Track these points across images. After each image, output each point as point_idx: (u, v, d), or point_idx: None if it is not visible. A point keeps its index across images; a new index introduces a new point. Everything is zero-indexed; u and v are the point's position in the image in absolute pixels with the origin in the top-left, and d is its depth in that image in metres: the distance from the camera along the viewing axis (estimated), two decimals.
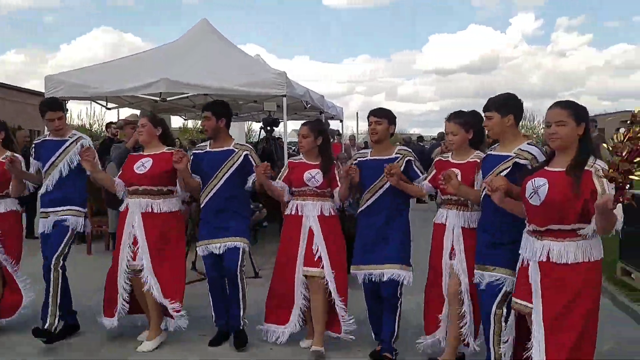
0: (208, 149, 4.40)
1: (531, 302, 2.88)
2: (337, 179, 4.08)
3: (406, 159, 4.00)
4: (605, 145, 2.59)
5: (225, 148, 4.33)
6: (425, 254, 3.95)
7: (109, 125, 9.44)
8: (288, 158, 5.65)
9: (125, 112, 11.90)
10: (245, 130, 23.54)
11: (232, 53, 8.25)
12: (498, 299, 3.25)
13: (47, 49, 75.27)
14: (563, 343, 2.74)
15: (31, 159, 4.58)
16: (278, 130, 9.28)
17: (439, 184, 3.63)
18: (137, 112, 10.84)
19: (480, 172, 3.47)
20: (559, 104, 2.90)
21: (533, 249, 2.88)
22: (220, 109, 4.38)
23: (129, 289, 4.23)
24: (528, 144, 3.32)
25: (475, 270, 3.38)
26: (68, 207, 4.39)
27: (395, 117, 4.10)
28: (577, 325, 2.74)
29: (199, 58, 7.60)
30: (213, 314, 4.42)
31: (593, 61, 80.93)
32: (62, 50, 74.19)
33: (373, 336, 4.19)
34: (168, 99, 8.14)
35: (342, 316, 4.09)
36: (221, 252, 4.24)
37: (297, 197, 4.18)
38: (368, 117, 4.09)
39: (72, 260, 4.65)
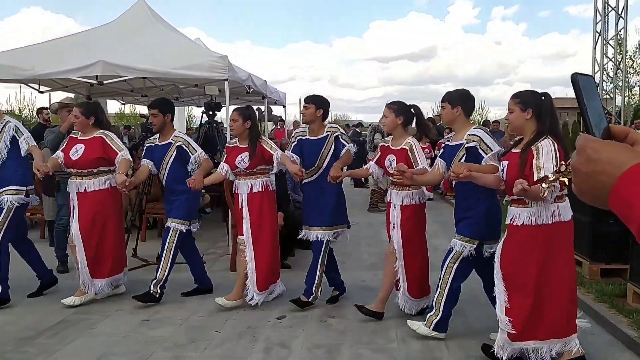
0: (157, 142, 5.01)
1: None
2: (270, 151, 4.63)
3: (334, 135, 4.64)
4: None
5: (166, 142, 4.93)
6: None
7: (40, 110, 9.08)
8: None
9: (58, 96, 11.49)
10: (186, 117, 23.13)
11: (172, 36, 8.08)
12: (450, 255, 3.89)
13: None
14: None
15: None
16: (220, 115, 9.21)
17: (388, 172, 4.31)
18: (72, 95, 10.49)
19: (415, 155, 4.22)
20: (512, 96, 3.45)
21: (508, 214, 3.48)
22: (166, 106, 4.99)
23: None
24: (474, 128, 3.89)
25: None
26: (6, 188, 4.73)
27: (325, 102, 4.69)
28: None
29: (136, 40, 7.41)
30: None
31: (526, 50, 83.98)
32: None
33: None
34: (105, 82, 7.90)
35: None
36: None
37: (236, 177, 4.77)
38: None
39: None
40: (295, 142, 4.77)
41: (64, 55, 7.02)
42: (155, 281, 4.80)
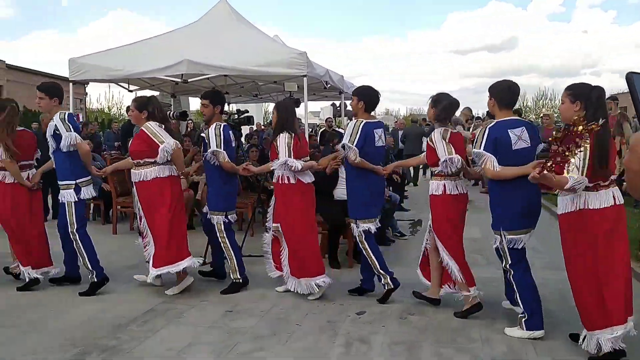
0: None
1: None
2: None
3: None
4: (628, 123, 2.93)
5: None
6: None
7: (129, 108, 9.59)
8: (308, 139, 5.88)
9: (146, 95, 12.03)
10: (263, 113, 23.61)
11: (252, 33, 8.28)
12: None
13: (65, 33, 75.63)
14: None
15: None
16: (298, 111, 9.32)
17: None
18: (156, 94, 10.97)
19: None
20: (565, 88, 3.54)
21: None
22: (217, 97, 5.23)
23: None
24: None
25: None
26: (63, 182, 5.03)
27: (367, 94, 4.83)
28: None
29: (218, 39, 7.64)
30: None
31: (616, 38, 79.04)
32: (79, 34, 74.46)
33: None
34: (189, 80, 8.21)
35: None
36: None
37: None
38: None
39: (97, 240, 5.25)
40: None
41: (151, 55, 7.36)
42: (231, 271, 5.10)
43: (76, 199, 4.98)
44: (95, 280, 5.03)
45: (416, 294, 4.64)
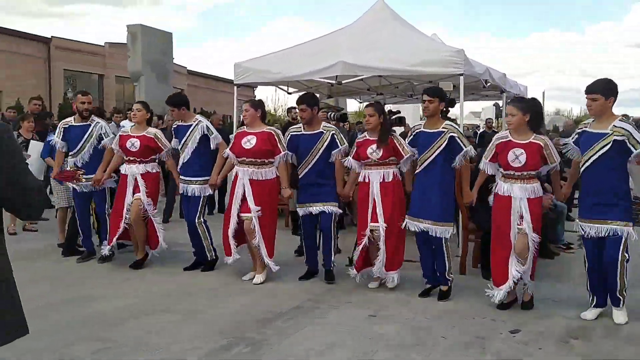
0: (303, 131, 5.43)
1: None
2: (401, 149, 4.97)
3: (449, 134, 4.75)
4: None
5: (316, 131, 5.36)
6: None
7: (290, 110, 10.00)
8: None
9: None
10: (421, 113, 23.20)
11: (407, 33, 8.08)
12: (622, 245, 4.07)
13: (236, 39, 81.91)
14: None
15: (173, 139, 5.94)
16: (454, 111, 8.96)
17: (537, 162, 4.42)
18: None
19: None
20: None
21: None
22: (312, 100, 5.41)
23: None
24: (620, 120, 4.09)
25: (593, 224, 4.16)
26: (197, 179, 5.75)
27: (443, 94, 4.97)
28: None
29: (374, 40, 7.57)
30: (306, 258, 5.58)
31: None
32: (248, 40, 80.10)
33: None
34: (343, 82, 8.27)
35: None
36: (317, 212, 5.38)
37: (365, 167, 5.12)
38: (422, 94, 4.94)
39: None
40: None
41: (308, 58, 7.52)
42: (332, 260, 5.41)
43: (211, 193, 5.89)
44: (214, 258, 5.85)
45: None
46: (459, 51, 6.64)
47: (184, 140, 5.75)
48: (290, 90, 9.59)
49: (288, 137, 5.44)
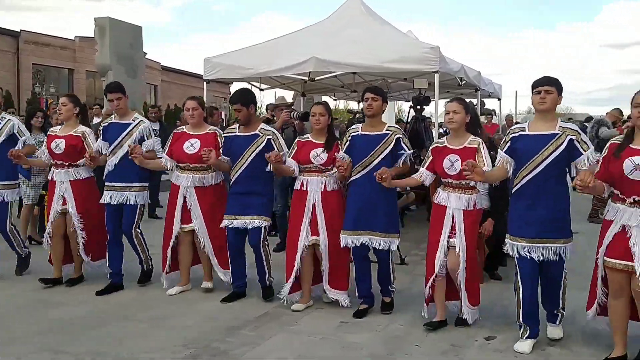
0: (237, 132, 4.76)
1: (627, 260, 3.28)
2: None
3: (396, 136, 4.33)
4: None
5: (251, 133, 4.68)
6: None
7: (268, 106, 9.78)
8: (438, 138, 5.43)
9: (279, 93, 12.20)
10: (396, 111, 23.13)
11: (382, 29, 7.94)
12: (564, 264, 3.73)
13: (214, 35, 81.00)
14: None
15: (99, 140, 5.05)
16: (429, 109, 8.85)
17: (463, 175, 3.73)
18: (288, 93, 11.06)
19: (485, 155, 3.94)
20: None
21: (635, 217, 3.27)
22: (247, 98, 4.70)
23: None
24: (562, 120, 3.72)
25: (535, 245, 3.64)
26: (132, 185, 4.95)
27: (387, 97, 4.60)
28: None
29: (348, 36, 7.41)
30: (231, 277, 4.88)
31: None
32: (227, 36, 79.33)
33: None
34: (316, 78, 8.10)
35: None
36: (246, 227, 4.68)
37: (303, 174, 4.56)
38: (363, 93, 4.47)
39: None
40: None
41: (280, 54, 7.32)
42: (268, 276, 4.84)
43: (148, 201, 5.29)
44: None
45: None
46: (434, 48, 6.52)
47: (119, 140, 4.93)
48: (263, 86, 9.37)
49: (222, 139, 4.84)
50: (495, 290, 4.95)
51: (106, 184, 5.02)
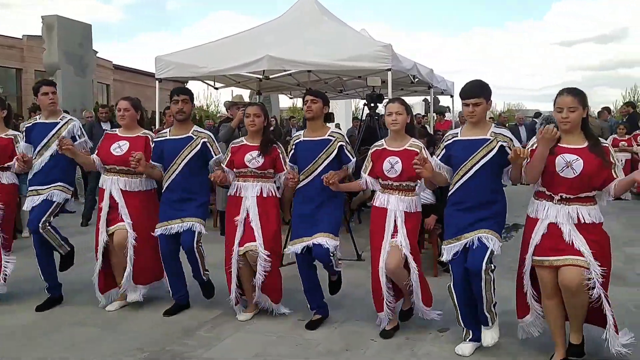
0: (168, 136, 4.53)
1: (554, 256, 3.32)
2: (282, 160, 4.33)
3: (339, 143, 4.20)
4: None
5: (185, 135, 4.47)
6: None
7: (225, 103, 9.68)
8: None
9: (236, 92, 12.13)
10: (353, 109, 23.29)
11: (336, 28, 8.00)
12: (487, 256, 3.53)
13: (170, 33, 79.64)
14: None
15: (22, 142, 4.72)
16: (380, 106, 8.93)
17: (413, 171, 3.70)
18: (245, 91, 11.00)
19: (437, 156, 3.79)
20: (570, 92, 3.32)
21: (562, 214, 3.33)
22: (191, 94, 4.56)
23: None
24: (495, 126, 3.72)
25: (455, 243, 3.65)
26: (55, 185, 4.60)
27: (328, 100, 4.42)
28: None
29: (301, 34, 7.44)
30: (170, 288, 4.59)
31: None
32: (183, 33, 78.11)
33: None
34: (271, 76, 8.08)
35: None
36: (179, 231, 4.40)
37: (239, 178, 4.38)
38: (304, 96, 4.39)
39: None
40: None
41: (234, 52, 7.28)
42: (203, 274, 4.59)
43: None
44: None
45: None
46: (386, 46, 6.60)
47: (46, 141, 4.61)
48: (217, 85, 9.29)
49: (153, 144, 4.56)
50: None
51: (30, 188, 4.67)
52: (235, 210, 4.34)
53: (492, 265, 3.54)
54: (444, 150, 3.75)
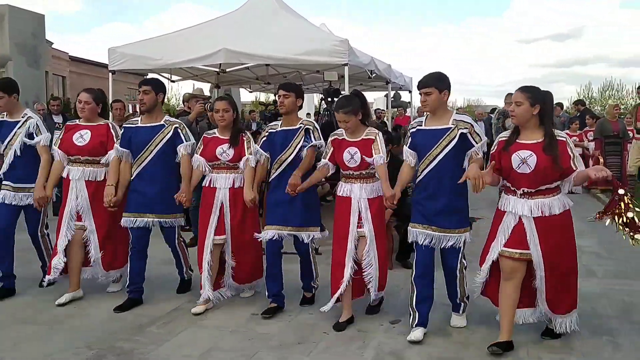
0: (139, 124, 4.56)
1: (524, 249, 3.51)
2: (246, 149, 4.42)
3: (305, 127, 4.31)
4: None
5: (157, 123, 4.52)
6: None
7: (184, 96, 9.51)
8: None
9: (195, 85, 11.95)
10: (315, 103, 23.24)
11: (294, 22, 7.96)
12: (460, 253, 3.85)
13: (131, 25, 77.86)
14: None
15: None
16: None
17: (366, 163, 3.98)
18: (204, 85, 10.86)
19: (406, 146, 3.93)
20: (520, 88, 3.52)
21: (525, 207, 3.49)
22: (157, 84, 4.58)
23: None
24: (457, 113, 3.86)
25: (431, 232, 3.78)
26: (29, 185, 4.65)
27: (302, 92, 4.46)
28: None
29: (259, 27, 7.37)
30: (128, 279, 4.59)
31: None
32: (144, 25, 76.58)
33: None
34: (227, 70, 8.00)
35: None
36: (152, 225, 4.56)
37: (213, 170, 4.49)
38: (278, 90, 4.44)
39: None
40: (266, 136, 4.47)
41: (190, 45, 7.17)
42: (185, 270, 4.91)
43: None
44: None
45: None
46: (343, 41, 6.61)
47: (9, 139, 4.67)
48: (174, 78, 9.14)
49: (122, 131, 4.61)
50: (402, 276, 5.10)
51: (3, 182, 4.72)
52: (209, 201, 4.44)
53: (465, 262, 3.91)
54: (410, 138, 3.91)
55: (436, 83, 3.72)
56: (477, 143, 3.69)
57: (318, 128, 4.42)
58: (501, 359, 3.50)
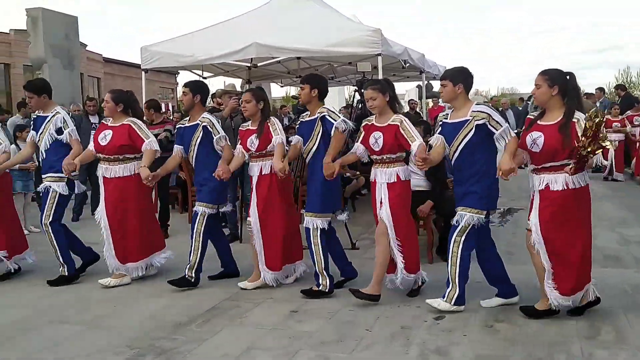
0: (185, 124, 4.95)
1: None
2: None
3: (321, 115, 4.46)
4: None
5: (193, 123, 4.85)
6: None
7: (213, 95, 9.50)
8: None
9: (227, 82, 11.93)
10: (347, 95, 23.05)
11: (325, 13, 7.83)
12: (458, 229, 3.97)
13: (161, 23, 78.78)
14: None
15: (31, 131, 5.22)
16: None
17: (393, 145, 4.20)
18: (236, 80, 10.83)
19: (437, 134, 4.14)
20: (541, 72, 3.71)
21: (536, 182, 3.74)
22: (196, 85, 4.95)
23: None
24: (477, 104, 4.01)
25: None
26: (50, 174, 5.00)
27: (322, 81, 4.66)
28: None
29: (289, 20, 7.28)
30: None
31: None
32: (172, 25, 77.32)
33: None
34: (259, 64, 7.93)
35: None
36: None
37: (251, 160, 4.77)
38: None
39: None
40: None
41: (221, 41, 7.13)
42: (189, 266, 4.83)
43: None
44: (66, 274, 5.05)
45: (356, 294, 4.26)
46: (375, 30, 6.47)
47: (40, 132, 5.04)
48: (205, 74, 9.13)
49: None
50: (444, 270, 4.95)
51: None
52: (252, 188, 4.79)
53: (463, 243, 3.96)
54: (440, 128, 4.17)
55: (453, 76, 4.01)
56: (496, 131, 3.87)
57: (334, 110, 4.59)
58: (554, 352, 3.34)
